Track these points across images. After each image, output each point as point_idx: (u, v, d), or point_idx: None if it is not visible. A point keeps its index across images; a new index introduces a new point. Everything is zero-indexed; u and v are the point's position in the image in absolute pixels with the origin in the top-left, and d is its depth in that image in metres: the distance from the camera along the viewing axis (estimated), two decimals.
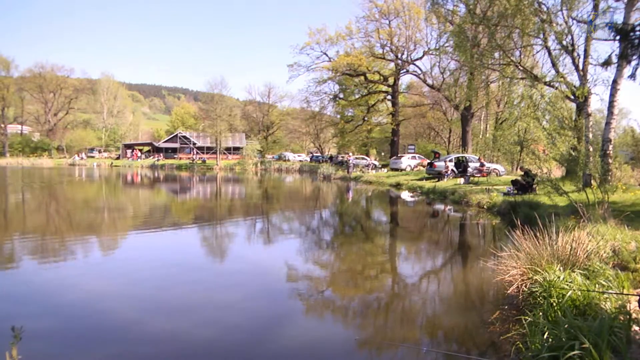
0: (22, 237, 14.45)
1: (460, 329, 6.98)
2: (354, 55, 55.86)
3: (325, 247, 13.94)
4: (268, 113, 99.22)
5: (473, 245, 14.42)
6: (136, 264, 10.97)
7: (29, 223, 17.63)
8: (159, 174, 62.34)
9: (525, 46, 23.71)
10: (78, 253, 12.32)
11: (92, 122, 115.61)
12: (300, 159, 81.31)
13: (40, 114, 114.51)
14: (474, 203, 22.42)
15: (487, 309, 7.71)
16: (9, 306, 7.76)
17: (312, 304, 8.25)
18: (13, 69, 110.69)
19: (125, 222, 18.65)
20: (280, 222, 19.62)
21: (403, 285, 9.75)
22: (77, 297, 8.27)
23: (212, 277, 9.97)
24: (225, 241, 14.78)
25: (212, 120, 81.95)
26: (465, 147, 44.41)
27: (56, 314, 7.37)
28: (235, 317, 7.42)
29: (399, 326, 7.23)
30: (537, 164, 17.49)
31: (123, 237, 15.37)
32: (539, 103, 18.48)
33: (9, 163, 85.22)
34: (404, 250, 13.99)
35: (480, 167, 32.28)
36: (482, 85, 32.76)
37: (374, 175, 46.04)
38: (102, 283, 9.25)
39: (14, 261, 11.13)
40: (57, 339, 6.38)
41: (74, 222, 18.20)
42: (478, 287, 9.43)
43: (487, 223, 17.98)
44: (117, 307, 7.76)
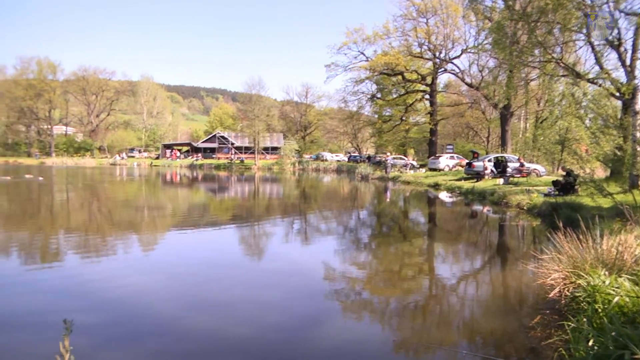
0: (68, 234, 14.93)
1: (499, 333, 6.77)
2: (392, 55, 55.48)
3: (363, 248, 13.82)
4: (306, 113, 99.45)
5: (512, 247, 14.09)
6: (176, 261, 11.12)
7: (74, 220, 18.17)
8: (197, 173, 63.09)
9: (566, 42, 23.08)
10: (120, 250, 12.59)
11: (133, 122, 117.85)
12: (337, 159, 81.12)
13: (83, 115, 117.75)
14: (513, 204, 21.90)
15: (527, 313, 7.47)
16: (57, 300, 7.98)
17: (349, 304, 8.17)
18: (59, 73, 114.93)
19: (165, 220, 18.96)
20: (318, 222, 19.55)
21: (441, 286, 9.55)
22: (120, 293, 8.41)
23: (250, 276, 10.01)
24: (263, 240, 14.81)
25: (250, 121, 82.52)
26: (504, 146, 43.59)
27: (100, 309, 7.53)
28: (272, 316, 7.39)
29: (437, 328, 7.08)
30: (579, 164, 17.02)
31: (163, 235, 15.62)
32: (581, 101, 17.93)
33: (55, 163, 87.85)
34: (441, 251, 13.75)
35: (520, 167, 31.67)
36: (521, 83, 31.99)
37: (411, 175, 45.63)
38: (144, 279, 9.46)
39: (60, 257, 11.50)
40: (101, 333, 6.48)
41: (116, 220, 18.61)
42: (517, 290, 9.17)
43: (527, 225, 17.51)
44: (158, 304, 7.90)
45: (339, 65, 60.13)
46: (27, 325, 6.72)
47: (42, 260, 11.17)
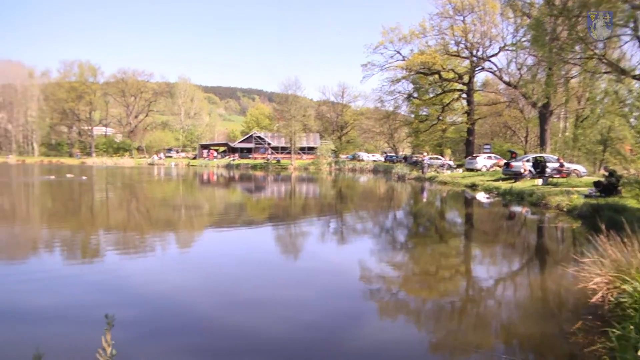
0: (108, 232, 15.35)
1: (538, 338, 6.59)
2: (428, 54, 54.87)
3: (399, 248, 13.70)
4: (342, 113, 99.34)
5: (552, 250, 13.73)
6: (213, 259, 11.26)
7: (114, 218, 18.61)
8: (234, 173, 63.65)
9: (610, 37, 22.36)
10: (158, 247, 12.86)
11: (170, 123, 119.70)
12: (374, 159, 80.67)
13: (122, 116, 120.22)
14: (552, 205, 21.33)
15: (568, 318, 7.23)
16: (98, 295, 8.17)
17: (385, 304, 8.09)
18: (99, 75, 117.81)
19: (202, 219, 19.15)
20: (354, 222, 19.51)
21: (478, 288, 9.36)
22: (157, 289, 8.60)
23: (286, 275, 10.03)
24: (300, 239, 14.82)
25: (286, 121, 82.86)
26: (543, 146, 42.61)
27: (138, 304, 7.71)
28: (308, 315, 7.37)
29: (473, 331, 6.91)
30: (622, 164, 16.50)
31: (200, 233, 15.83)
32: (625, 98, 17.36)
33: (95, 162, 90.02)
34: (478, 252, 13.52)
35: (559, 167, 30.93)
36: (561, 81, 31.19)
37: (448, 175, 44.95)
38: (181, 277, 9.59)
39: (101, 253, 11.80)
40: (138, 327, 6.59)
41: (154, 219, 18.98)
42: (557, 294, 8.92)
43: (567, 227, 17.00)
44: (194, 301, 7.97)
45: (375, 65, 59.82)
46: (70, 319, 6.93)
47: (84, 256, 11.50)
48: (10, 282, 8.92)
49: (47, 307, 7.49)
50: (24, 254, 11.90)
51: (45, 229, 16.09)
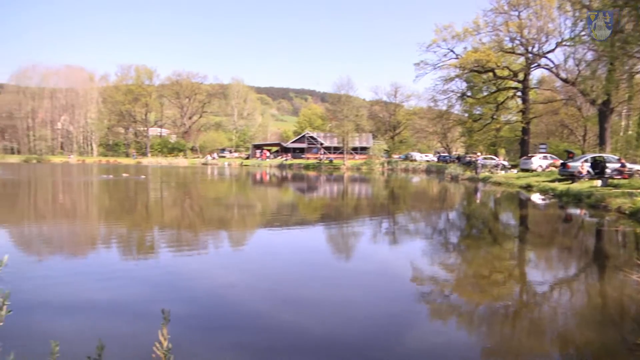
0: (163, 229, 15.90)
1: (597, 349, 6.26)
2: (482, 51, 53.49)
3: (452, 250, 13.45)
4: (394, 113, 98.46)
5: (612, 254, 13.12)
6: (264, 258, 11.38)
7: (168, 217, 19.18)
8: (286, 173, 64.13)
9: None
10: (210, 246, 13.18)
11: (224, 124, 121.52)
12: (427, 159, 79.71)
13: (177, 117, 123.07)
14: (613, 208, 20.37)
15: (631, 328, 6.88)
16: (153, 291, 8.46)
17: (437, 307, 7.96)
18: (155, 78, 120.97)
19: (255, 218, 19.43)
20: (406, 223, 19.28)
21: (532, 293, 9.05)
22: (211, 286, 8.81)
23: (336, 275, 9.99)
24: (351, 240, 14.74)
25: (339, 121, 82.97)
26: (602, 146, 41.01)
27: (192, 300, 7.86)
28: (357, 316, 7.27)
29: (527, 338, 6.65)
30: None
31: (252, 232, 16.03)
32: None
33: (150, 162, 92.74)
34: (533, 256, 13.05)
35: (620, 168, 29.66)
36: (624, 76, 30.04)
37: (503, 176, 43.89)
38: (234, 274, 9.78)
39: (154, 250, 12.20)
40: (192, 323, 6.70)
41: (207, 217, 19.33)
42: (618, 302, 8.50)
43: (629, 230, 16.18)
44: (246, 298, 8.10)
45: (428, 64, 58.68)
46: (128, 313, 7.18)
47: (142, 253, 11.93)
48: (73, 276, 9.31)
49: (108, 300, 7.76)
50: (85, 249, 12.40)
51: (105, 226, 16.81)
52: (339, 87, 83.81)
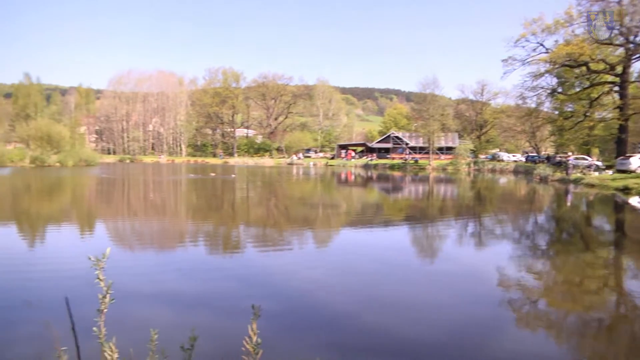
0: (249, 227, 16.52)
1: None
2: (575, 44, 50.30)
3: (540, 255, 12.87)
4: (481, 111, 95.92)
5: None
6: (349, 258, 11.43)
7: (255, 215, 19.91)
8: (371, 173, 64.01)
9: None
10: (296, 244, 13.50)
11: (309, 124, 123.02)
12: (514, 159, 76.90)
13: (262, 118, 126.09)
14: None
15: None
16: (240, 287, 8.79)
17: (523, 314, 7.64)
18: (242, 81, 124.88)
19: (340, 218, 19.55)
20: (493, 225, 18.67)
21: (631, 305, 8.49)
22: (297, 284, 9.01)
23: (421, 276, 9.94)
24: (436, 241, 14.54)
25: (424, 120, 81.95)
26: None
27: (278, 297, 8.08)
28: (441, 319, 7.19)
29: (624, 353, 6.30)
30: None
31: (336, 231, 16.10)
32: None
33: (237, 162, 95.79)
34: (631, 264, 12.18)
35: None
36: None
37: (596, 177, 41.29)
38: (319, 273, 9.95)
39: (242, 247, 12.79)
40: (279, 320, 6.88)
41: (293, 216, 19.78)
42: None
43: None
44: (331, 297, 8.23)
45: (516, 60, 56.28)
46: (219, 307, 7.53)
47: (229, 249, 12.46)
48: (165, 269, 9.85)
49: (198, 294, 8.20)
50: (176, 245, 13.10)
51: (194, 223, 17.70)
52: (424, 86, 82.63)
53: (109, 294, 2.72)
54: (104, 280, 2.70)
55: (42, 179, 41.68)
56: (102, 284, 2.71)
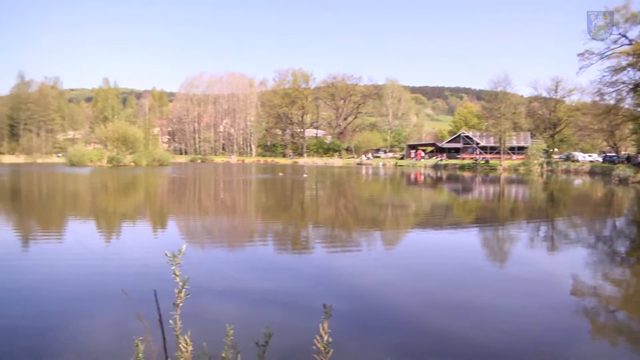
0: (318, 226, 16.75)
1: None
2: None
3: (619, 262, 12.29)
4: (555, 109, 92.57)
5: None
6: (418, 260, 11.33)
7: (323, 214, 20.15)
8: (441, 173, 63.31)
9: None
10: (364, 244, 13.51)
11: (378, 124, 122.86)
12: (590, 159, 73.65)
13: (332, 119, 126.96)
14: None
15: None
16: (309, 284, 8.98)
17: (601, 324, 7.33)
18: (311, 81, 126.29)
19: (408, 219, 19.47)
20: (567, 229, 17.90)
21: None
22: (365, 284, 9.00)
23: (491, 280, 9.73)
24: (507, 244, 14.20)
25: (495, 119, 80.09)
26: None
27: (347, 297, 8.14)
28: (513, 326, 6.98)
29: None
30: None
31: (405, 232, 16.05)
32: None
33: (306, 162, 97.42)
34: None
35: None
36: None
37: None
38: (387, 274, 9.89)
39: (310, 247, 13.00)
40: (345, 320, 6.87)
41: (361, 216, 19.81)
42: None
43: None
44: (399, 298, 8.16)
45: (594, 53, 53.12)
46: (288, 305, 7.66)
47: (297, 249, 12.68)
48: (237, 266, 10.22)
49: (269, 291, 8.37)
50: (246, 243, 13.55)
51: (264, 221, 18.25)
52: (496, 83, 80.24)
53: (184, 289, 2.84)
54: (180, 275, 2.83)
55: (119, 178, 44.56)
56: (178, 279, 2.83)
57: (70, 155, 73.87)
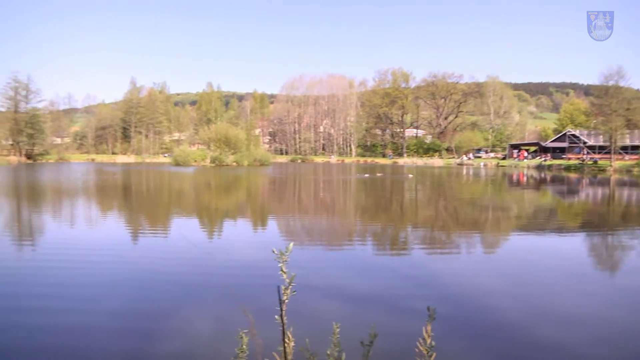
0: (416, 227, 16.71)
1: None
2: None
3: None
4: None
5: None
6: (519, 265, 10.96)
7: (422, 215, 20.10)
8: (545, 174, 60.77)
9: None
10: (463, 247, 13.29)
11: (479, 123, 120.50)
12: None
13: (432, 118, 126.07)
14: None
15: None
16: (407, 286, 8.92)
17: None
18: (411, 80, 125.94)
19: (510, 222, 18.82)
20: None
21: None
22: (463, 288, 8.86)
23: (599, 291, 9.05)
24: (618, 252, 13.18)
25: (605, 116, 75.72)
26: None
27: (444, 300, 7.99)
28: (622, 342, 6.48)
29: None
30: None
31: (506, 236, 15.50)
32: None
33: (406, 162, 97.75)
34: None
35: None
36: None
37: None
38: (486, 279, 9.68)
39: (408, 247, 12.97)
40: (445, 323, 6.71)
41: (461, 218, 19.47)
42: None
43: None
44: (499, 305, 7.93)
45: None
46: (388, 306, 7.65)
47: (396, 249, 12.66)
48: (334, 265, 10.44)
49: (368, 292, 8.44)
50: (344, 242, 13.71)
51: (364, 221, 18.41)
52: (607, 77, 75.16)
53: (291, 286, 2.83)
54: (287, 272, 2.82)
55: (221, 177, 47.04)
56: (285, 276, 2.82)
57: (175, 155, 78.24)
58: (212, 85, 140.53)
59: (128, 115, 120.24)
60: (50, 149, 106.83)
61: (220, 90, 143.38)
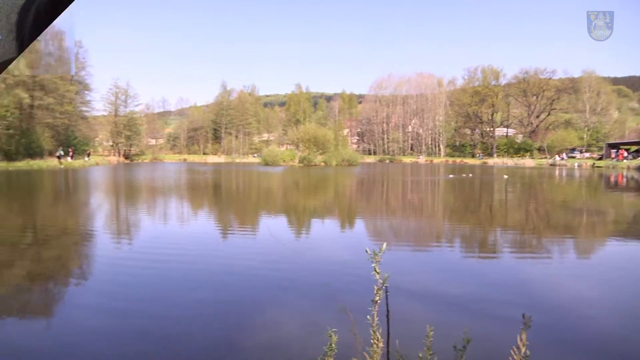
0: (505, 231, 16.26)
1: None
2: None
3: None
4: None
5: None
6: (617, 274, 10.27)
7: (511, 218, 19.49)
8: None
9: None
10: (556, 252, 12.71)
11: (574, 121, 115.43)
12: None
13: (523, 116, 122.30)
14: None
15: None
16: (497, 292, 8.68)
17: None
18: (501, 78, 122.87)
19: (606, 227, 17.77)
20: None
21: None
22: (556, 295, 8.52)
23: None
24: None
25: None
26: None
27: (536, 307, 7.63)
28: None
29: None
30: None
31: (602, 242, 14.71)
32: None
33: (496, 162, 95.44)
34: None
35: None
36: None
37: None
38: (582, 286, 9.30)
39: (498, 251, 12.68)
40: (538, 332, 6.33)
41: (553, 222, 18.72)
42: None
43: None
44: (600, 315, 7.51)
45: None
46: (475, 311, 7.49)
47: (484, 253, 12.38)
48: (424, 270, 10.29)
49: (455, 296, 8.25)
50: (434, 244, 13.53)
51: (451, 223, 18.19)
52: None
53: (384, 286, 2.92)
54: (380, 273, 2.92)
55: (310, 176, 48.02)
56: (378, 276, 2.93)
57: (264, 155, 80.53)
58: (300, 87, 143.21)
59: (219, 117, 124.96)
60: (146, 150, 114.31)
61: (308, 91, 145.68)
